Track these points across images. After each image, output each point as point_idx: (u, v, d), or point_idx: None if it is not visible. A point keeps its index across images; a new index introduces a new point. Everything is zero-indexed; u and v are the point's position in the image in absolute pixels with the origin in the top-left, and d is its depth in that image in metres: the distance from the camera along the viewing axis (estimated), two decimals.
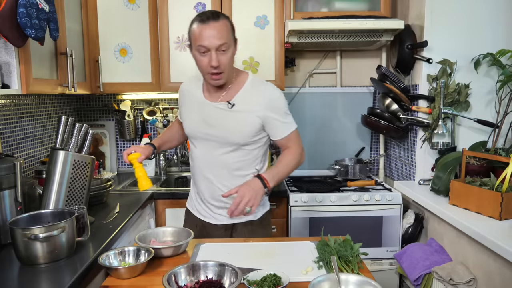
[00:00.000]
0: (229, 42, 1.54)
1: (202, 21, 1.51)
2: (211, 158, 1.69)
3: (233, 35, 1.59)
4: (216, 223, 1.75)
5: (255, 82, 1.67)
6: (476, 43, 2.26)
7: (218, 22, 1.51)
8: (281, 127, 1.65)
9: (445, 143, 2.29)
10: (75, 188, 1.66)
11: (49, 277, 1.26)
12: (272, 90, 1.65)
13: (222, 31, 1.51)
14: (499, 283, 1.59)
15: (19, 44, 1.47)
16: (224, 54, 1.53)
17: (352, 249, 1.38)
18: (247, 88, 1.65)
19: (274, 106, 1.62)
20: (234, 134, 1.63)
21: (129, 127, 2.82)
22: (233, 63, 1.62)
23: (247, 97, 1.63)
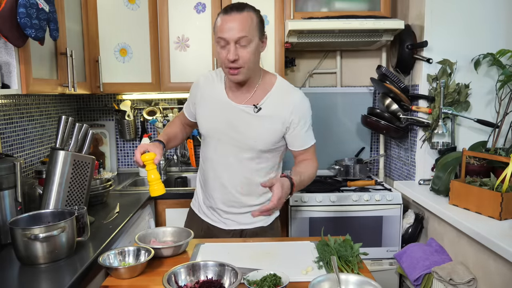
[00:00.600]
0: (250, 35, 1.43)
1: (225, 12, 1.44)
2: (228, 162, 1.61)
3: (260, 29, 1.48)
4: (224, 228, 1.71)
5: (284, 87, 1.59)
6: (476, 43, 2.26)
7: (241, 14, 1.42)
8: (303, 138, 1.59)
9: (445, 143, 2.29)
10: (75, 188, 1.66)
11: (49, 277, 1.26)
12: (301, 98, 1.57)
13: (244, 23, 1.41)
14: (499, 283, 1.59)
15: (19, 44, 1.47)
16: (244, 48, 1.43)
17: (352, 249, 1.38)
18: (275, 92, 1.56)
19: (301, 116, 1.55)
20: (257, 140, 1.55)
21: (129, 127, 2.82)
22: (257, 60, 1.52)
23: (274, 102, 1.55)
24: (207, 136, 1.66)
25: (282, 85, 1.60)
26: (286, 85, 1.61)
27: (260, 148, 1.57)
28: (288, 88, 1.60)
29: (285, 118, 1.55)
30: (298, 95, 1.58)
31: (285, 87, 1.59)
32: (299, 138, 1.59)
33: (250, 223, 1.68)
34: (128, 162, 2.96)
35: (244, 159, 1.59)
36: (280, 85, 1.59)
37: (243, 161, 1.60)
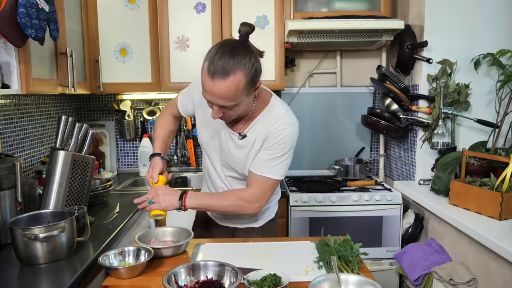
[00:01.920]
0: (237, 101, 1.31)
1: (209, 69, 1.27)
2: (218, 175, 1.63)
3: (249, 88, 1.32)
4: (219, 223, 1.76)
5: (271, 112, 1.47)
6: (476, 43, 2.26)
7: (225, 82, 1.25)
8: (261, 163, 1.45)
9: (445, 143, 2.29)
10: (75, 188, 1.66)
11: (49, 277, 1.26)
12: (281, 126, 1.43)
13: (228, 92, 1.27)
14: (499, 283, 1.59)
15: (19, 44, 1.47)
16: (229, 109, 1.34)
17: (352, 249, 1.38)
18: (260, 119, 1.47)
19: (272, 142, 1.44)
20: (240, 167, 1.54)
21: (129, 127, 2.82)
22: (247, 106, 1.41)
23: (257, 129, 1.47)
24: (201, 143, 1.65)
25: (271, 109, 1.48)
26: (275, 110, 1.47)
27: (242, 172, 1.55)
28: (275, 113, 1.46)
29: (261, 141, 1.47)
30: (282, 122, 1.44)
31: (273, 112, 1.47)
32: (257, 160, 1.47)
33: (241, 223, 1.71)
34: (128, 162, 2.96)
35: (230, 177, 1.62)
36: (268, 110, 1.47)
37: (229, 178, 1.62)
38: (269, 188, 1.48)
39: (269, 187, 1.48)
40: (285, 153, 1.45)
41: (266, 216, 1.74)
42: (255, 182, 1.48)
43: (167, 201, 1.47)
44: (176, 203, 1.47)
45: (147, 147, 2.75)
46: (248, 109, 1.44)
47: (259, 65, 1.34)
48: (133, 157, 2.95)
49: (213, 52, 1.29)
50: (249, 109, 1.45)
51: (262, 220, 1.73)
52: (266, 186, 1.48)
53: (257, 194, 1.48)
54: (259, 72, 1.34)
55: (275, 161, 1.45)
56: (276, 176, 1.46)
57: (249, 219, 1.71)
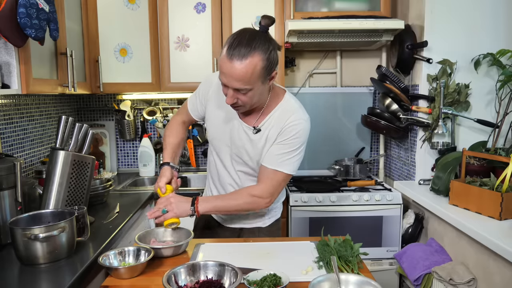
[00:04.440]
0: (250, 85, 1.33)
1: (228, 54, 1.30)
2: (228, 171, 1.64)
3: (265, 74, 1.34)
4: (224, 225, 1.75)
5: (285, 107, 1.50)
6: (476, 43, 2.26)
7: (243, 63, 1.28)
8: (273, 157, 1.47)
9: (445, 143, 2.29)
10: (75, 188, 1.66)
11: (49, 277, 1.26)
12: (295, 121, 1.46)
13: (244, 74, 1.30)
14: (499, 283, 1.59)
15: (19, 44, 1.47)
16: (243, 94, 1.36)
17: (352, 249, 1.38)
18: (275, 113, 1.50)
19: (285, 136, 1.47)
20: (252, 159, 1.55)
21: (129, 127, 2.82)
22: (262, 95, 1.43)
23: (271, 123, 1.50)
24: (211, 140, 1.66)
25: (285, 105, 1.51)
26: (290, 105, 1.51)
27: (254, 166, 1.57)
28: (289, 108, 1.50)
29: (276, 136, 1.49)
30: (296, 117, 1.48)
31: (287, 107, 1.50)
32: (270, 154, 1.48)
33: (248, 223, 1.71)
34: (128, 162, 2.96)
35: (240, 171, 1.62)
36: (283, 105, 1.51)
37: (239, 173, 1.62)
38: (280, 182, 1.49)
39: (280, 181, 1.49)
40: (298, 147, 1.48)
41: (273, 216, 1.74)
42: (267, 177, 1.49)
43: (181, 208, 1.47)
44: (189, 209, 1.47)
45: (147, 147, 2.75)
46: (262, 100, 1.46)
47: (276, 55, 1.36)
48: (133, 157, 2.95)
49: (232, 37, 1.33)
50: (263, 101, 1.47)
51: (269, 220, 1.73)
52: (278, 181, 1.49)
53: (268, 189, 1.49)
54: (276, 62, 1.37)
55: (288, 156, 1.47)
56: (288, 170, 1.48)
57: (256, 218, 1.70)
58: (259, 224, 1.72)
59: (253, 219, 1.71)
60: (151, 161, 2.78)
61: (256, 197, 1.50)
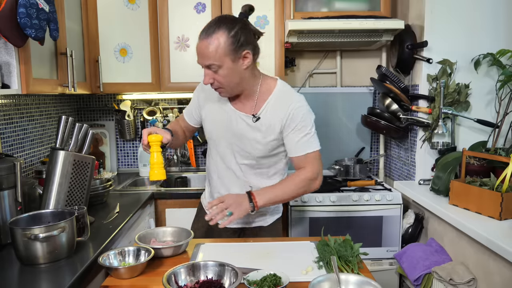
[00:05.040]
0: (218, 62, 1.39)
1: (200, 34, 1.42)
2: (229, 166, 1.64)
3: (231, 50, 1.39)
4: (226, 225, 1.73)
5: (282, 93, 1.55)
6: (476, 43, 2.26)
7: (208, 40, 1.38)
8: (298, 144, 1.53)
9: (445, 143, 2.29)
10: (75, 188, 1.66)
11: (49, 277, 1.26)
12: (296, 103, 1.52)
13: (209, 50, 1.38)
14: (499, 283, 1.59)
15: (19, 44, 1.47)
16: (216, 73, 1.42)
17: (352, 249, 1.38)
18: (273, 100, 1.54)
19: (295, 121, 1.51)
20: (254, 148, 1.57)
21: (129, 127, 2.82)
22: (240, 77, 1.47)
23: (272, 110, 1.53)
24: (210, 138, 1.69)
25: (280, 91, 1.55)
26: (285, 90, 1.56)
27: (257, 155, 1.58)
28: (286, 93, 1.55)
29: (281, 122, 1.53)
30: (295, 100, 1.53)
31: (284, 93, 1.55)
32: (294, 145, 1.54)
33: (250, 222, 1.72)
34: (128, 162, 2.96)
35: (243, 164, 1.62)
36: (278, 91, 1.55)
37: (242, 166, 1.63)
38: (318, 160, 1.56)
39: (318, 159, 1.56)
40: (312, 126, 1.55)
41: (275, 214, 1.75)
42: (306, 161, 1.54)
43: (242, 207, 1.46)
44: (248, 206, 1.47)
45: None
46: (246, 85, 1.51)
47: (247, 37, 1.42)
48: (133, 157, 2.95)
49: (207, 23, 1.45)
50: (248, 87, 1.52)
51: (270, 218, 1.74)
52: (316, 159, 1.55)
53: (313, 170, 1.55)
54: (246, 42, 1.42)
55: (307, 137, 1.53)
56: (317, 147, 1.56)
57: (257, 218, 1.71)
58: (260, 224, 1.73)
59: (255, 218, 1.71)
60: None
61: (309, 179, 1.54)
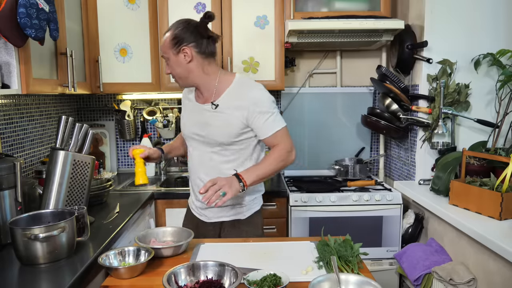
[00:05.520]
0: (166, 54, 1.66)
1: None
2: (202, 157, 1.75)
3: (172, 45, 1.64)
4: (206, 221, 1.82)
5: (241, 83, 1.70)
6: (476, 43, 2.26)
7: (163, 36, 1.67)
8: (265, 126, 1.65)
9: (445, 143, 2.29)
10: (75, 188, 1.66)
11: (49, 277, 1.26)
12: (255, 90, 1.67)
13: (161, 43, 1.68)
14: (499, 283, 1.59)
15: (19, 44, 1.47)
16: (168, 64, 1.69)
17: (352, 249, 1.38)
18: (232, 89, 1.69)
19: (257, 106, 1.63)
20: (218, 134, 1.68)
21: (129, 127, 2.82)
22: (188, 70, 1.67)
23: (231, 98, 1.67)
24: (185, 137, 1.84)
25: (240, 82, 1.70)
26: (243, 81, 1.71)
27: (222, 141, 1.68)
28: (244, 83, 1.70)
29: (242, 110, 1.64)
30: (253, 87, 1.68)
31: (242, 83, 1.70)
32: (261, 127, 1.66)
33: (228, 215, 1.78)
34: (128, 162, 2.96)
35: (212, 153, 1.73)
36: (237, 82, 1.70)
37: (213, 155, 1.73)
38: (287, 135, 1.69)
39: (286, 135, 1.69)
40: (274, 107, 1.67)
41: (251, 208, 1.80)
42: (277, 139, 1.66)
43: (233, 187, 1.55)
44: (239, 185, 1.57)
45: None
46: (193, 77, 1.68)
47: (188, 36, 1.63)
48: None
49: None
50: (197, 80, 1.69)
51: (248, 212, 1.79)
52: (285, 135, 1.68)
53: (286, 144, 1.67)
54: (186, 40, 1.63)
55: (271, 118, 1.65)
56: (282, 124, 1.67)
57: (235, 210, 1.78)
58: (238, 217, 1.78)
59: (233, 210, 1.78)
60: None
61: (285, 152, 1.66)
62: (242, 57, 2.52)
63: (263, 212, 2.29)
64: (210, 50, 1.67)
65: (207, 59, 1.67)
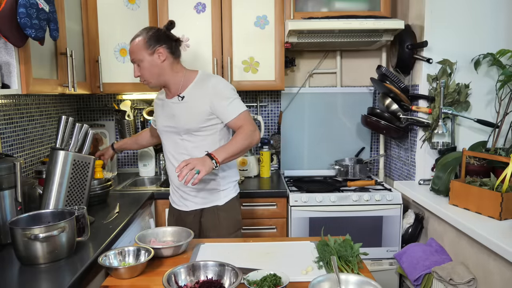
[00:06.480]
0: (140, 56, 1.79)
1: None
2: (173, 147, 1.90)
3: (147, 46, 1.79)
4: (186, 210, 1.93)
5: (203, 77, 1.87)
6: (476, 43, 2.26)
7: (133, 41, 1.81)
8: (227, 110, 1.80)
9: (445, 143, 2.29)
10: (75, 188, 1.66)
11: (49, 277, 1.26)
12: (215, 80, 1.84)
13: (133, 48, 1.81)
14: (499, 283, 1.59)
15: (19, 44, 1.47)
16: (139, 66, 1.82)
17: (352, 249, 1.38)
18: (195, 83, 1.86)
19: (218, 93, 1.80)
20: (185, 122, 1.83)
21: (129, 127, 2.82)
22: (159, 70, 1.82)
23: (195, 90, 1.84)
24: (159, 132, 1.98)
25: (202, 76, 1.88)
26: (205, 75, 1.89)
27: (189, 128, 1.83)
28: (206, 76, 1.88)
29: (205, 99, 1.80)
30: (213, 78, 1.86)
31: (204, 77, 1.87)
32: (224, 112, 1.81)
33: (206, 202, 1.90)
34: (128, 162, 2.96)
35: (183, 139, 1.87)
36: (200, 76, 1.87)
37: (183, 142, 1.86)
38: (250, 118, 1.83)
39: (249, 117, 1.83)
40: (234, 93, 1.84)
41: (228, 194, 1.92)
42: (240, 121, 1.80)
43: (207, 165, 1.64)
44: (211, 163, 1.65)
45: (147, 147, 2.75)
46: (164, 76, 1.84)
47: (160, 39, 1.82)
48: (133, 157, 2.96)
49: None
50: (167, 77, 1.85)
51: (225, 198, 1.91)
52: (248, 117, 1.82)
53: (249, 125, 1.80)
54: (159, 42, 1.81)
55: (235, 101, 1.81)
56: (244, 108, 1.82)
57: (213, 196, 1.90)
58: (216, 203, 1.90)
59: (210, 198, 1.90)
60: (151, 161, 2.78)
61: (250, 131, 1.77)
62: (242, 57, 2.52)
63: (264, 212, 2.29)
64: (178, 50, 1.89)
65: (176, 59, 1.87)
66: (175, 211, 1.99)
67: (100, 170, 2.14)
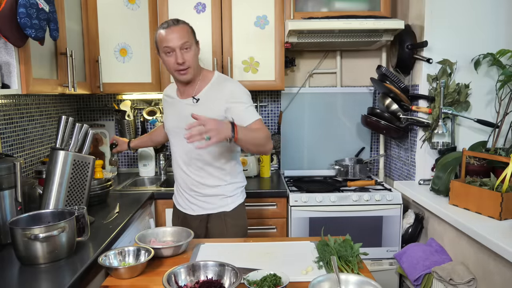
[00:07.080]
0: (190, 41, 1.73)
1: (164, 28, 1.72)
2: (184, 150, 1.83)
3: (194, 37, 1.77)
4: (192, 214, 1.88)
5: (220, 79, 1.82)
6: (476, 43, 2.26)
7: (178, 26, 1.72)
8: (245, 114, 1.74)
9: (445, 143, 2.29)
10: (75, 188, 1.66)
11: (49, 277, 1.26)
12: (233, 85, 1.79)
13: (183, 32, 1.72)
14: (499, 283, 1.59)
15: (19, 44, 1.47)
16: (187, 52, 1.72)
17: (352, 249, 1.38)
18: (212, 85, 1.80)
19: (235, 97, 1.74)
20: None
21: (129, 127, 2.82)
22: (197, 61, 1.79)
23: (211, 92, 1.78)
24: (168, 133, 1.93)
25: (219, 78, 1.83)
26: (222, 77, 1.84)
27: None
28: (223, 79, 1.83)
29: (222, 103, 1.74)
30: (231, 83, 1.81)
31: (221, 79, 1.82)
32: (241, 115, 1.73)
33: (213, 208, 1.85)
34: (128, 162, 2.96)
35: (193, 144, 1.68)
36: (216, 78, 1.82)
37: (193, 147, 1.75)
38: (264, 126, 1.76)
39: (263, 125, 1.76)
40: (250, 99, 1.78)
41: (235, 200, 1.88)
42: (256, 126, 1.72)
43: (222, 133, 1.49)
44: (230, 134, 1.52)
45: (147, 147, 2.75)
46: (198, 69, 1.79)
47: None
48: (133, 157, 2.95)
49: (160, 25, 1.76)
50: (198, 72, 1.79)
51: (232, 204, 1.86)
52: (263, 125, 1.75)
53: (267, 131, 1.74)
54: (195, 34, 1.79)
55: (251, 108, 1.76)
56: (259, 116, 1.77)
57: (221, 202, 1.85)
58: (224, 209, 1.84)
59: (217, 203, 1.84)
60: (151, 161, 2.78)
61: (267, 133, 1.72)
62: (242, 57, 2.52)
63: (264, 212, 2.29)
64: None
65: None
66: (180, 213, 1.94)
67: (100, 170, 2.14)
